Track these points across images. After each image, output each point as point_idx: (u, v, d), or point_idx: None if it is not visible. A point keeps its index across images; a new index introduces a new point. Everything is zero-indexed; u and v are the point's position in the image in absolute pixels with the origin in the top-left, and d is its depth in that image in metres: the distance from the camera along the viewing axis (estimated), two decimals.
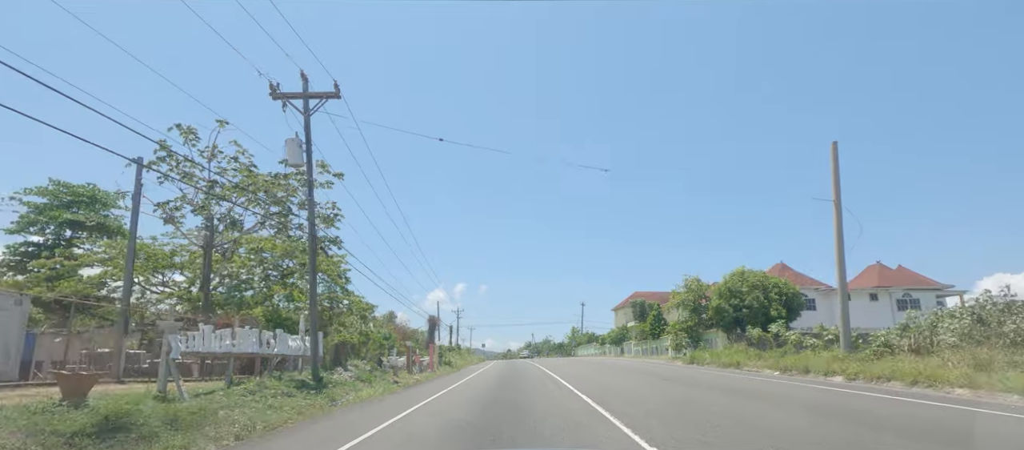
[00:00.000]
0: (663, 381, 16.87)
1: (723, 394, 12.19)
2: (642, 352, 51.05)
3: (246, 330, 14.00)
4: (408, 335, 53.27)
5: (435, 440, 7.59)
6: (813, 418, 8.14)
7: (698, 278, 36.11)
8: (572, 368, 29.84)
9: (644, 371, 23.25)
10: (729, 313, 31.79)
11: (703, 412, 8.99)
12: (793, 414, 8.64)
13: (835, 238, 19.67)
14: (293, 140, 17.60)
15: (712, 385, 14.81)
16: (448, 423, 9.23)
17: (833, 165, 19.77)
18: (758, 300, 31.10)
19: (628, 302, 78.03)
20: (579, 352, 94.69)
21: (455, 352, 60.75)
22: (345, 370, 20.96)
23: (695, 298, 35.57)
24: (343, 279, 36.94)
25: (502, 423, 8.67)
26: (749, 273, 33.28)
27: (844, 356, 17.42)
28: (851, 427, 7.08)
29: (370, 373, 22.78)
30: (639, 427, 7.49)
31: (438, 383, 23.61)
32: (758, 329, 29.52)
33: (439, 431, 8.38)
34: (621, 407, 10.02)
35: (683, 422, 7.90)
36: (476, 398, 13.91)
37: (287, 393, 13.51)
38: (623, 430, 7.36)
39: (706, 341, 34.62)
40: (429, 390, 19.00)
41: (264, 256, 29.76)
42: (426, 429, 8.77)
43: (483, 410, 10.83)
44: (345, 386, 17.60)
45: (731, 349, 28.63)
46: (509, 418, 9.28)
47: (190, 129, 20.88)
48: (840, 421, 7.73)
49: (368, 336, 26.68)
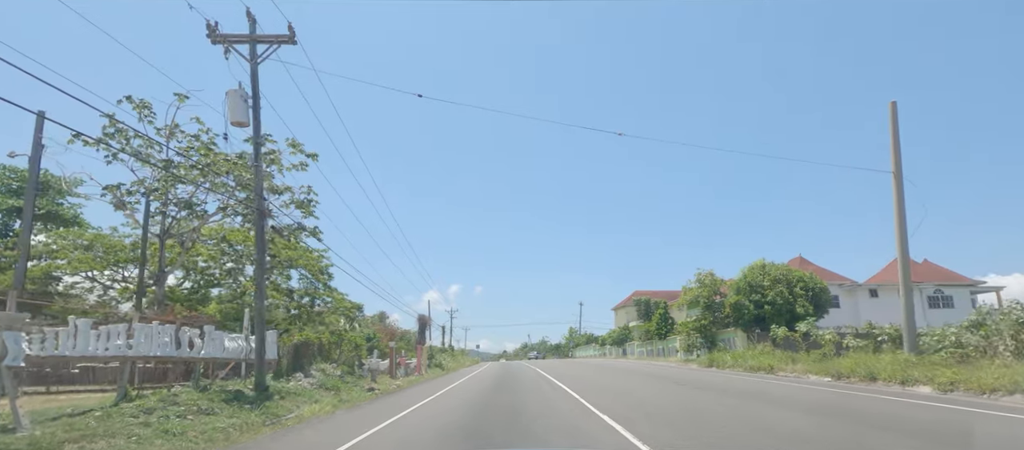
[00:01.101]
0: (697, 391, 13.53)
1: (799, 413, 8.87)
2: (647, 353, 47.73)
3: (155, 327, 10.57)
4: (396, 336, 49.84)
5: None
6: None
7: (713, 272, 32.87)
8: (573, 370, 26.55)
9: (661, 376, 19.93)
10: (749, 310, 28.52)
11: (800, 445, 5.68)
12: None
13: (895, 216, 16.39)
14: (235, 92, 14.19)
15: (767, 397, 11.50)
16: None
17: (892, 130, 16.49)
18: (782, 296, 27.84)
19: (629, 301, 74.83)
20: (577, 353, 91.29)
21: (447, 354, 57.28)
22: (306, 376, 17.52)
23: (709, 294, 32.31)
24: (325, 275, 33.44)
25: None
26: (770, 266, 30.02)
27: (916, 360, 14.13)
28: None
29: (340, 379, 19.35)
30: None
31: (422, 389, 20.25)
32: (783, 328, 26.26)
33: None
34: (669, 437, 6.69)
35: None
36: (456, 422, 10.53)
37: (206, 410, 10.11)
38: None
39: (722, 341, 31.35)
40: (409, 399, 15.71)
41: (235, 249, 26.33)
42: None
43: (469, 432, 7.47)
44: (299, 397, 14.19)
45: (755, 350, 25.35)
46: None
47: (144, 103, 17.76)
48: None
49: (342, 336, 23.23)
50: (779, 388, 13.71)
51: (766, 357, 21.53)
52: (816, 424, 7.52)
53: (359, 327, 44.68)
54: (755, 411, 9.12)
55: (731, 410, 9.35)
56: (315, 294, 34.89)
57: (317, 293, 34.66)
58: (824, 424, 7.51)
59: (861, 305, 34.05)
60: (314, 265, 30.30)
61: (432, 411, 12.02)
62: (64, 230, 29.91)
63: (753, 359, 22.20)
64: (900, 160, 16.34)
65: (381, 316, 62.58)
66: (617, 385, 16.24)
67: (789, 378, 17.19)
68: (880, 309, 33.03)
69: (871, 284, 36.38)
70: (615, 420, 8.37)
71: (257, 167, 14.79)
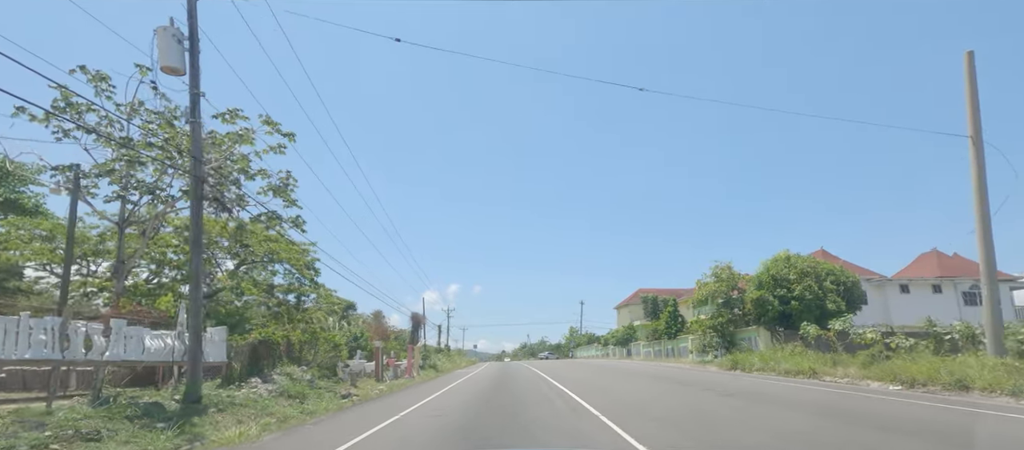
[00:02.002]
0: (747, 402, 10.70)
1: (931, 441, 6.06)
2: (654, 354, 44.90)
3: (23, 320, 7.71)
4: (388, 335, 46.99)
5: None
6: None
7: (730, 266, 30.00)
8: (580, 373, 23.73)
9: (686, 381, 17.12)
10: (773, 306, 25.69)
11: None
12: None
13: (974, 187, 13.56)
14: (166, 30, 11.42)
15: (850, 414, 8.67)
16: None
17: (968, 85, 13.64)
18: (811, 290, 25.01)
19: (635, 298, 71.99)
20: (578, 353, 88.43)
21: (443, 354, 54.40)
22: (267, 381, 14.68)
23: (727, 290, 29.48)
24: (311, 270, 30.51)
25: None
26: (796, 258, 27.19)
27: (1020, 364, 11.31)
28: None
29: (310, 385, 16.51)
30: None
31: (407, 396, 17.49)
32: (813, 326, 23.45)
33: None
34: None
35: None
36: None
37: (91, 435, 7.29)
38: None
39: (741, 341, 28.52)
40: (386, 409, 13.01)
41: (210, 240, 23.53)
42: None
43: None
44: (245, 409, 11.37)
45: (784, 351, 22.54)
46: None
47: (100, 74, 15.13)
48: None
49: (316, 334, 20.39)
50: (850, 399, 10.88)
51: (804, 358, 18.72)
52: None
53: (350, 325, 41.97)
54: (860, 437, 6.31)
55: (819, 431, 6.53)
56: (301, 290, 31.88)
57: (303, 289, 31.69)
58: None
59: (891, 302, 31.24)
60: (299, 259, 27.39)
61: (407, 430, 9.18)
62: (14, 217, 26.99)
63: (787, 361, 19.38)
64: (979, 121, 13.49)
65: (377, 315, 59.79)
66: (641, 394, 13.40)
67: (842, 385, 14.36)
68: (911, 306, 30.22)
69: (900, 279, 33.56)
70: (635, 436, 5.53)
71: (194, 124, 11.93)
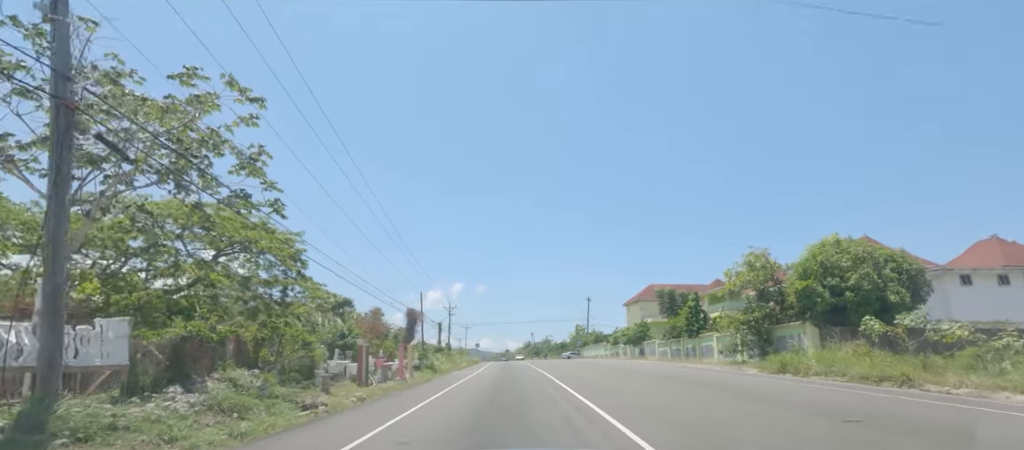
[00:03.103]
0: (912, 438, 6.96)
1: None
2: (671, 354, 41.11)
3: None
4: (382, 333, 43.42)
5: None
6: None
7: (767, 253, 26.17)
8: (597, 377, 20.03)
9: (739, 391, 13.37)
10: (824, 299, 21.87)
11: None
12: None
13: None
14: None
15: None
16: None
17: None
18: (869, 280, 21.18)
19: (645, 294, 68.23)
20: (585, 353, 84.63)
21: (443, 353, 50.76)
22: (191, 389, 11.06)
23: (762, 281, 25.69)
24: (298, 262, 26.80)
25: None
26: (849, 242, 23.35)
27: None
28: None
29: (259, 392, 12.91)
30: None
31: (389, 405, 14.03)
32: (877, 321, 19.67)
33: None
34: None
35: None
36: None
37: None
38: None
39: (782, 339, 24.69)
40: (351, 428, 9.46)
41: (157, 224, 19.88)
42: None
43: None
44: (133, 436, 7.81)
45: (842, 351, 18.78)
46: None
47: (37, 29, 11.63)
48: None
49: (278, 330, 16.80)
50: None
51: (888, 362, 14.95)
52: None
53: (343, 321, 38.38)
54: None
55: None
56: (284, 283, 28.07)
57: (286, 281, 27.92)
58: None
59: (950, 294, 27.31)
60: (282, 250, 23.66)
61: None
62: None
63: (859, 363, 15.62)
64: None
65: (375, 313, 56.31)
66: (707, 412, 9.67)
67: (960, 398, 10.59)
68: (975, 299, 26.39)
69: (959, 268, 29.57)
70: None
71: (56, 23, 8.27)
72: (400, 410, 13.01)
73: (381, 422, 10.93)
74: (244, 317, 19.30)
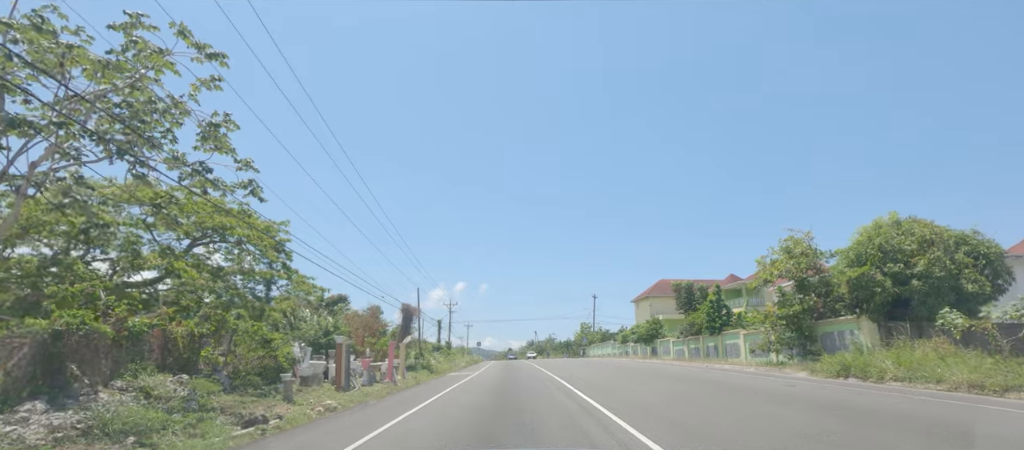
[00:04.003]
0: None
1: None
2: (690, 353, 37.75)
3: None
4: (377, 330, 40.21)
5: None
6: None
7: (809, 237, 22.74)
8: (614, 378, 16.71)
9: (824, 404, 10.10)
10: (885, 288, 18.48)
11: None
12: None
13: None
14: None
15: None
16: None
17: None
18: (941, 265, 17.82)
19: (655, 290, 64.81)
20: (592, 352, 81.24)
21: (442, 352, 47.50)
22: (66, 404, 7.84)
23: (803, 270, 22.33)
24: (283, 253, 23.64)
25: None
26: (911, 222, 19.94)
27: None
28: None
29: (182, 404, 9.72)
30: None
31: (360, 419, 10.81)
32: (960, 315, 16.31)
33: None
34: None
35: None
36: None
37: None
38: None
39: (828, 336, 21.31)
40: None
41: (102, 200, 16.71)
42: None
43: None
44: None
45: (915, 351, 15.46)
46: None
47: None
48: None
49: (226, 324, 13.60)
50: None
51: (999, 367, 11.61)
52: None
53: (333, 318, 35.26)
54: None
55: None
56: (267, 275, 24.71)
57: (270, 274, 24.62)
58: None
59: (1021, 282, 23.77)
60: (263, 239, 20.43)
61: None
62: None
63: (965, 370, 12.26)
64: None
65: (374, 311, 53.33)
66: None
67: None
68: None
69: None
70: None
71: None
72: (369, 427, 9.75)
73: (342, 444, 7.74)
74: (220, 310, 16.11)
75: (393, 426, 9.85)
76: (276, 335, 15.66)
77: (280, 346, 15.89)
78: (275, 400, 13.71)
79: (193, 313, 13.29)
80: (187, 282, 17.18)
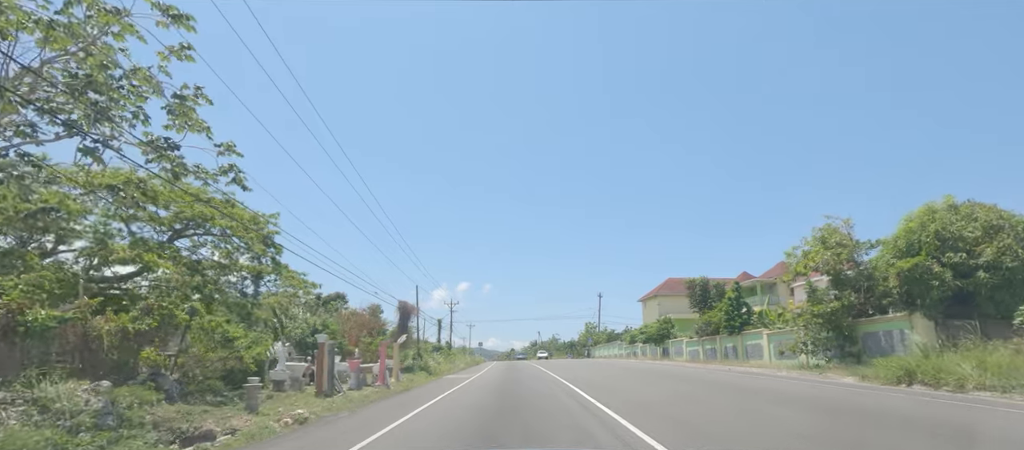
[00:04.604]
0: None
1: None
2: (706, 354, 35.36)
3: None
4: (372, 328, 37.91)
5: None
6: None
7: (849, 222, 20.37)
8: (642, 386, 14.39)
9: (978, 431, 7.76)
10: (943, 281, 16.14)
11: None
12: None
13: None
14: None
15: None
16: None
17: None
18: (1012, 254, 15.48)
19: (664, 289, 62.41)
20: (597, 352, 78.80)
21: (442, 352, 45.20)
22: None
23: (840, 263, 19.97)
24: (271, 246, 21.44)
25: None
26: (970, 206, 17.58)
27: None
28: None
29: (95, 419, 7.46)
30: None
31: (339, 431, 8.52)
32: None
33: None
34: None
35: None
36: None
37: None
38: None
39: (872, 336, 18.95)
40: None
41: (50, 179, 14.54)
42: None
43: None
44: None
45: (994, 354, 13.09)
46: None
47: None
48: None
49: (175, 319, 11.35)
50: None
51: None
52: None
53: (326, 316, 33.11)
54: None
55: None
56: (254, 270, 22.40)
57: (259, 269, 22.35)
58: None
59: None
60: (249, 231, 18.19)
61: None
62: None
63: None
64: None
65: (374, 310, 51.28)
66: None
67: None
68: None
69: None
70: None
71: None
72: (335, 447, 7.49)
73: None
74: (168, 304, 13.87)
75: (372, 442, 7.59)
76: (239, 331, 13.40)
77: (251, 345, 13.64)
78: (235, 410, 11.47)
79: (131, 307, 11.04)
80: (161, 277, 14.99)
